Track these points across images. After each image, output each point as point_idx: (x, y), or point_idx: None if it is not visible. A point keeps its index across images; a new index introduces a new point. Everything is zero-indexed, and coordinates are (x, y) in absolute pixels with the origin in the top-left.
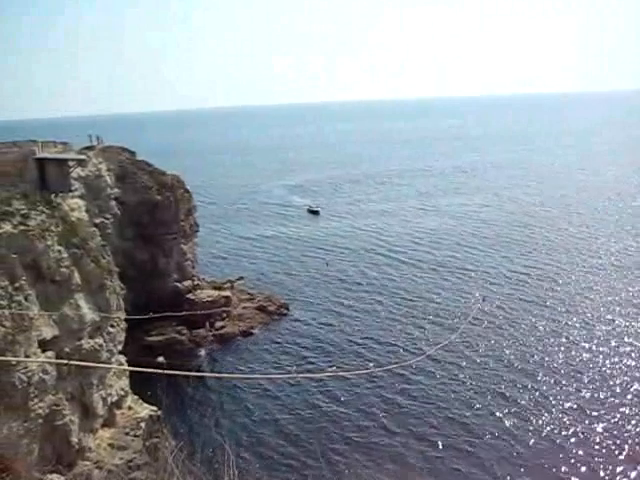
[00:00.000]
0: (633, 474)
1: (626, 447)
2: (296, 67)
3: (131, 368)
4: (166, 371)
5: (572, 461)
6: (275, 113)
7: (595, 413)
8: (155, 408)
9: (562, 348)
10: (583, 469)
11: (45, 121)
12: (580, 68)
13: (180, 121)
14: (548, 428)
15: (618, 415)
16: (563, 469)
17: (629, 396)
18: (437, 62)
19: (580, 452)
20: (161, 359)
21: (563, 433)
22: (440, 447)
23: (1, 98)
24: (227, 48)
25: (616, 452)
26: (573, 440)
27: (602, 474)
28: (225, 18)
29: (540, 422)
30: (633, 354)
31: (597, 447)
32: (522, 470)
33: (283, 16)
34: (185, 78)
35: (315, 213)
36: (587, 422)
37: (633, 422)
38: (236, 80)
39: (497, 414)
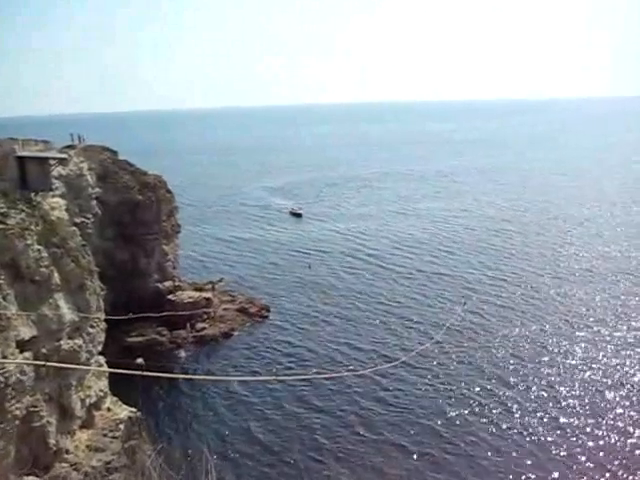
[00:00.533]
0: None
1: (601, 454)
2: (282, 68)
3: (110, 369)
4: (145, 373)
5: (546, 468)
6: (255, 114)
7: (572, 421)
8: (134, 409)
9: (539, 355)
10: (557, 476)
11: (28, 119)
12: (584, 72)
13: (159, 121)
14: (523, 436)
15: (594, 422)
16: (538, 476)
17: (606, 403)
18: (431, 65)
19: (554, 459)
20: (140, 360)
21: (538, 440)
22: (415, 454)
23: None
24: (205, 48)
25: (590, 460)
26: (548, 448)
27: None
28: (214, 19)
29: (515, 430)
30: (610, 360)
31: (572, 454)
32: (496, 478)
33: (273, 17)
34: (165, 78)
35: (298, 216)
36: (563, 430)
37: (611, 429)
38: (215, 81)
39: (473, 421)
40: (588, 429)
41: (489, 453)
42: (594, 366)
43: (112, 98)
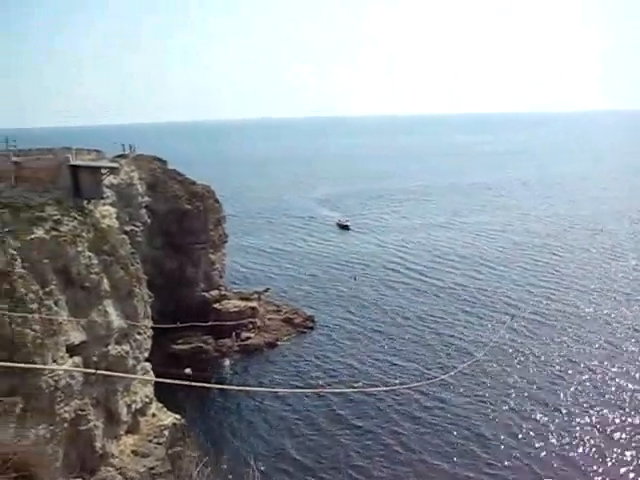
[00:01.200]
0: None
1: None
2: (310, 75)
3: (159, 379)
4: (193, 383)
5: None
6: (292, 125)
7: (615, 449)
8: (179, 416)
9: (583, 378)
10: None
11: (55, 130)
12: (605, 85)
13: (194, 132)
14: (564, 462)
15: None
16: None
17: None
18: (461, 77)
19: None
20: (188, 370)
21: (579, 468)
22: (452, 476)
23: (38, 106)
24: (233, 55)
25: None
26: (589, 476)
27: None
28: (242, 26)
29: (555, 455)
30: None
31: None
32: None
33: (302, 24)
34: (194, 87)
35: (345, 228)
36: (605, 457)
37: None
38: (243, 87)
39: (512, 444)
40: (632, 459)
41: (527, 478)
42: None
43: (140, 109)
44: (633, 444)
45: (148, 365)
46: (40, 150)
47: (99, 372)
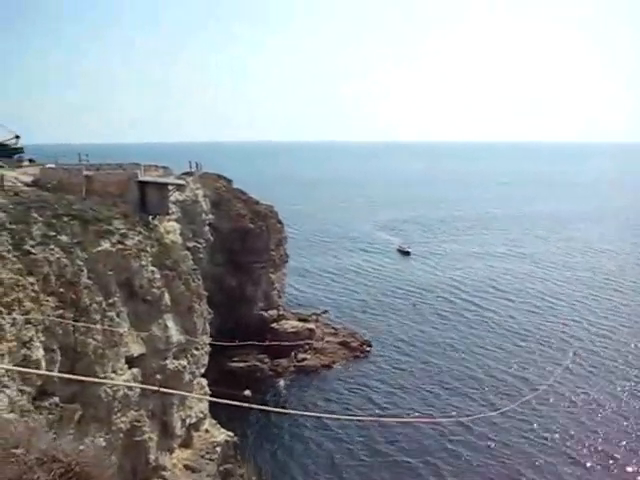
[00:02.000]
0: None
1: None
2: (371, 100)
3: (218, 399)
4: (253, 405)
5: None
6: (348, 149)
7: None
8: (231, 434)
9: None
10: None
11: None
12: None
13: (245, 153)
14: None
15: None
16: None
17: None
18: (524, 103)
19: None
20: (247, 392)
21: None
22: None
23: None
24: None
25: None
26: None
27: None
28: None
29: None
30: None
31: None
32: None
33: (353, 43)
34: (246, 105)
35: (406, 253)
36: None
37: None
38: (295, 115)
39: None
40: None
41: None
42: None
43: (186, 127)
44: None
45: (204, 381)
46: (110, 165)
47: (162, 390)
